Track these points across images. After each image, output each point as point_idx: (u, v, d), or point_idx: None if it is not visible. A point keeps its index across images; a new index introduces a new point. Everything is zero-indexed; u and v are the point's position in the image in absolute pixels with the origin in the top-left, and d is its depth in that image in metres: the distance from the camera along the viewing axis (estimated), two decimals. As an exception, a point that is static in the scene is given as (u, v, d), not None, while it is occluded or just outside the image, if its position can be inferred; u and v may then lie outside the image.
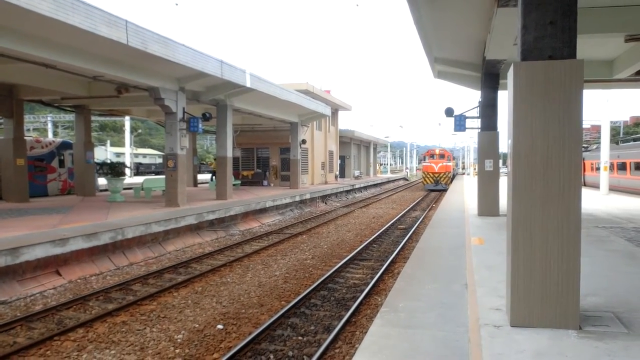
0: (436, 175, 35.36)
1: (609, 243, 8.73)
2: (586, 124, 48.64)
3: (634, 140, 31.44)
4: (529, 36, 4.38)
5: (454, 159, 46.79)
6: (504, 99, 4.67)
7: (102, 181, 22.38)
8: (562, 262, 4.29)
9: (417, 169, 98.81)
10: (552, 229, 4.30)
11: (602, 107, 21.42)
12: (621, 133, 56.66)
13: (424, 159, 38.34)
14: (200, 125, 15.78)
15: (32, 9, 8.43)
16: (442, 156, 36.37)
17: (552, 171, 4.29)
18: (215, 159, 31.01)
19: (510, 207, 4.50)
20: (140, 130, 76.02)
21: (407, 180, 59.35)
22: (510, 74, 4.43)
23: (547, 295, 4.31)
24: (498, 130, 13.31)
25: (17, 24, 9.31)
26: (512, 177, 4.43)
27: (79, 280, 8.89)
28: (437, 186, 34.89)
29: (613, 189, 22.60)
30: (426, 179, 36.11)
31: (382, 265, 9.83)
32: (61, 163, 21.25)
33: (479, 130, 13.56)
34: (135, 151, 62.85)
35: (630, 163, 22.58)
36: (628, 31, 8.99)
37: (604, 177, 20.85)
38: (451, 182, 36.37)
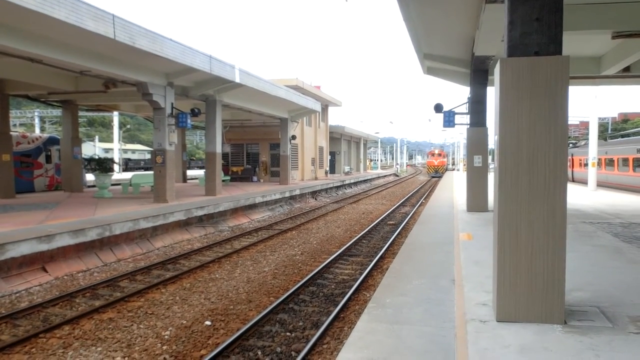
0: (436, 167, 55.82)
1: (596, 238, 8.82)
2: (575, 120, 49.11)
3: (622, 136, 31.74)
4: (515, 32, 4.39)
5: (447, 155, 69.07)
6: (493, 95, 4.69)
7: (90, 177, 22.16)
8: (547, 258, 4.32)
9: (407, 165, 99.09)
10: (538, 225, 4.33)
11: (591, 104, 21.59)
12: (609, 129, 57.31)
13: (427, 157, 63.42)
14: (189, 121, 15.68)
15: (17, 2, 8.28)
16: (439, 155, 57.94)
17: (538, 167, 4.32)
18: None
19: (497, 202, 4.51)
20: (129, 126, 75.36)
21: (398, 176, 59.41)
22: (497, 70, 4.44)
23: (532, 291, 4.34)
24: (487, 126, 13.38)
25: (1, 17, 9.14)
26: (499, 172, 4.45)
27: (65, 277, 8.80)
28: (436, 174, 53.90)
29: (601, 185, 22.82)
30: (429, 169, 57.32)
31: (371, 261, 9.85)
32: (48, 159, 21.00)
33: (468, 126, 13.61)
34: (124, 147, 62.31)
35: (618, 159, 22.82)
36: (615, 28, 9.02)
37: (592, 173, 21.06)
38: (445, 171, 56.87)
